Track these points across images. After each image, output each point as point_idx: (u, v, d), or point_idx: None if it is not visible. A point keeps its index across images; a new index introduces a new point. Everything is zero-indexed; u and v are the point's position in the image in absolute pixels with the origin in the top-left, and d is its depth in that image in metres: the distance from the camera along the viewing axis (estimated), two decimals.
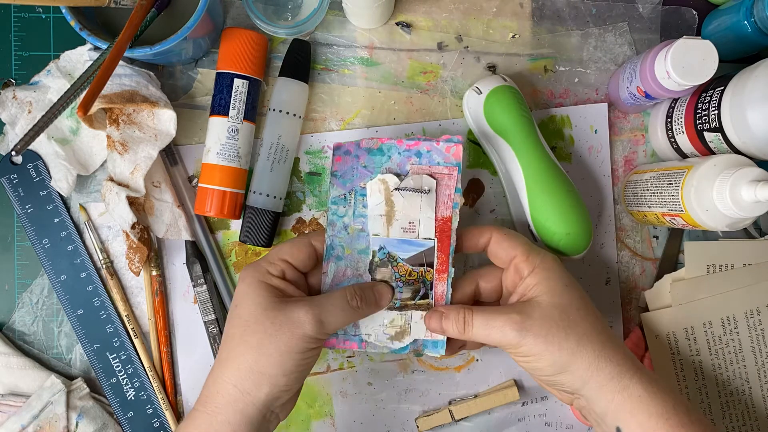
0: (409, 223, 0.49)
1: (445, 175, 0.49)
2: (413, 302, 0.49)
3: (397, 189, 0.49)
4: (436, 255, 0.49)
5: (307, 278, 0.49)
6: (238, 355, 0.42)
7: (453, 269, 0.49)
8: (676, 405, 0.42)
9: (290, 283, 0.46)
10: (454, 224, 0.49)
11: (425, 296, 0.49)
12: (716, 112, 0.47)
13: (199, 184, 0.54)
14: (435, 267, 0.49)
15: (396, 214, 0.49)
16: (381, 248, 0.49)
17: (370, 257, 0.50)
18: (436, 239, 0.49)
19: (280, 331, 0.42)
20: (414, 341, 0.49)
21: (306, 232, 0.55)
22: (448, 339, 0.49)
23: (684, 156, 0.53)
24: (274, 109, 0.54)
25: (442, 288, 0.49)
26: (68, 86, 0.50)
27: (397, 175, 0.49)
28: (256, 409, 0.42)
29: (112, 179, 0.52)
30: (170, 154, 0.55)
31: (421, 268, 0.49)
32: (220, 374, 0.43)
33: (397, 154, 0.50)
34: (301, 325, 0.42)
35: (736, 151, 0.47)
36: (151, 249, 0.53)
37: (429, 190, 0.49)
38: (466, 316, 0.45)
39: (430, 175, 0.49)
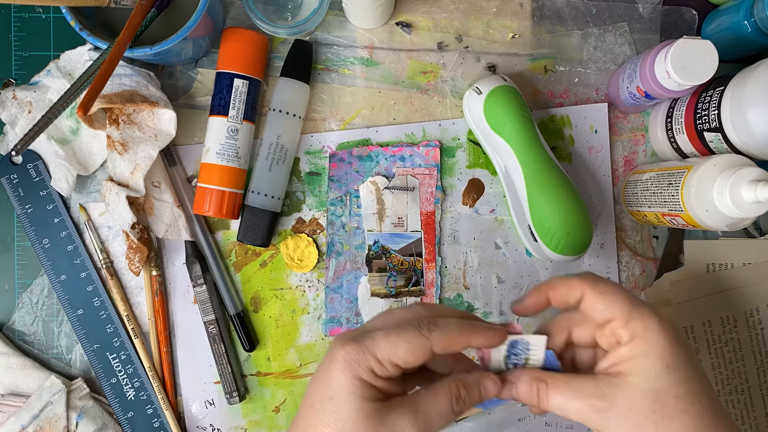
0: (398, 218, 0.56)
1: (426, 175, 0.56)
2: (406, 289, 0.56)
3: (386, 188, 0.56)
4: (423, 245, 0.56)
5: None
6: None
7: (440, 258, 0.57)
8: None
9: (394, 381, 0.38)
10: (437, 217, 0.57)
11: (417, 283, 0.57)
12: (716, 112, 0.47)
13: (198, 184, 0.54)
14: (423, 256, 0.56)
15: (386, 211, 0.56)
16: (375, 242, 0.56)
17: (366, 251, 0.56)
18: (422, 231, 0.56)
19: None
20: None
21: (418, 303, 0.48)
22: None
23: (684, 156, 0.53)
24: (274, 109, 0.54)
25: (431, 276, 0.57)
26: (68, 86, 0.50)
27: (386, 176, 0.56)
28: None
29: (112, 179, 0.52)
30: (169, 155, 0.55)
31: (412, 258, 0.56)
32: None
33: (384, 159, 0.56)
34: None
35: (736, 151, 0.47)
36: (151, 249, 0.53)
37: (413, 189, 0.56)
38: (540, 391, 0.38)
39: (413, 176, 0.56)
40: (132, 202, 0.51)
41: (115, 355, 0.55)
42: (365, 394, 0.37)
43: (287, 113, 0.54)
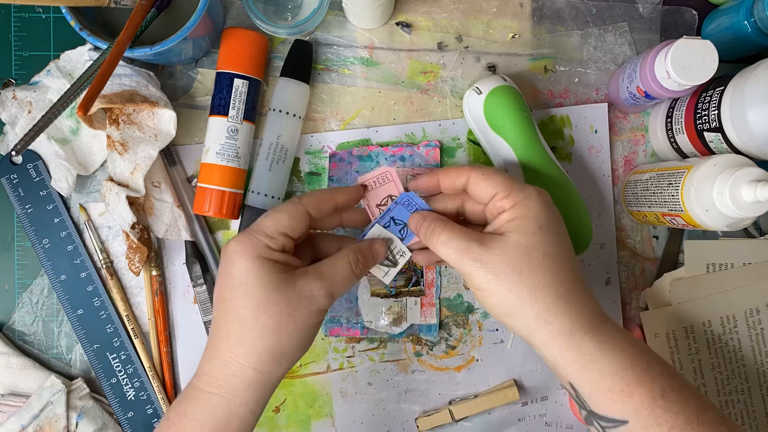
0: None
1: None
2: (407, 289, 0.56)
3: None
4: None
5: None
6: (255, 338, 0.41)
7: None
8: (633, 362, 0.40)
9: (290, 254, 0.44)
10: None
11: (417, 283, 0.56)
12: (716, 112, 0.47)
13: (198, 184, 0.54)
14: None
15: None
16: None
17: None
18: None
19: (297, 310, 0.41)
20: (410, 326, 0.55)
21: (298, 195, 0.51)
22: (426, 250, 0.49)
23: (684, 156, 0.54)
24: (274, 109, 0.54)
25: (431, 276, 0.56)
26: (68, 86, 0.50)
27: None
28: (273, 385, 0.43)
29: (112, 179, 0.52)
30: (169, 155, 0.55)
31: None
32: (235, 357, 0.41)
33: (384, 159, 0.56)
34: (315, 300, 0.42)
35: (736, 151, 0.47)
36: (151, 249, 0.53)
37: None
38: (435, 228, 0.44)
39: (413, 176, 0.55)
40: (132, 202, 0.51)
41: (115, 355, 0.55)
42: (268, 268, 0.41)
43: (287, 113, 0.54)
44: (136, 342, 0.55)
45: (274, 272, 0.42)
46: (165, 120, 0.51)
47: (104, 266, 0.55)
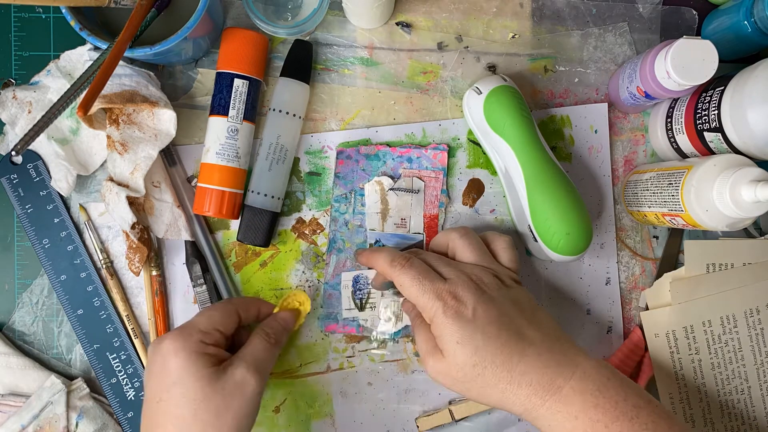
0: (401, 219, 0.56)
1: (432, 178, 0.56)
2: None
3: (391, 189, 0.56)
4: (425, 248, 0.56)
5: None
6: None
7: None
8: (587, 427, 0.42)
9: (220, 347, 0.46)
10: (441, 221, 0.56)
11: None
12: (716, 112, 0.47)
13: (198, 184, 0.54)
14: None
15: (390, 212, 0.56)
16: (377, 242, 0.56)
17: None
18: (424, 234, 0.56)
19: (233, 400, 0.43)
20: (405, 326, 0.56)
21: (230, 300, 0.52)
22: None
23: (684, 156, 0.54)
24: (274, 109, 0.54)
25: None
26: (68, 86, 0.50)
27: (391, 177, 0.56)
28: None
29: (112, 179, 0.52)
30: (169, 155, 0.55)
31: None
32: None
33: (391, 160, 0.56)
34: (248, 385, 0.44)
35: (736, 151, 0.47)
36: (151, 249, 0.53)
37: (418, 191, 0.56)
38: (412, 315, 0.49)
39: (419, 178, 0.56)
40: (132, 202, 0.51)
41: (115, 355, 0.55)
42: (203, 363, 0.43)
43: (287, 113, 0.54)
44: (136, 342, 0.55)
45: (208, 366, 0.43)
46: (165, 120, 0.51)
47: (104, 266, 0.55)
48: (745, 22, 0.50)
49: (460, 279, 0.45)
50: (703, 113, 0.49)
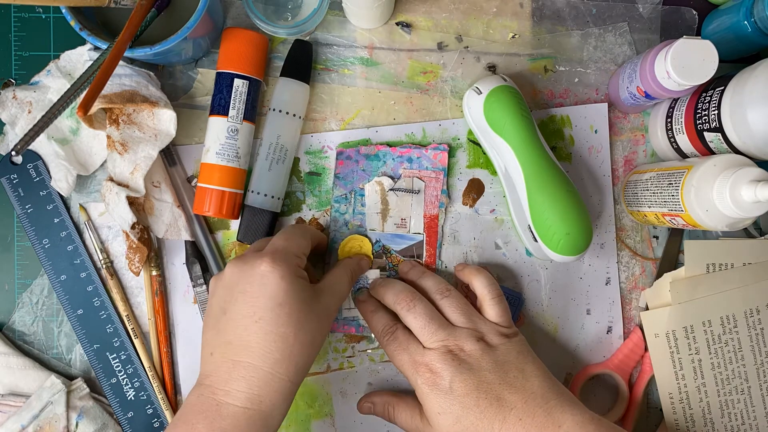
0: (401, 219, 0.56)
1: (433, 179, 0.56)
2: None
3: (391, 189, 0.56)
4: (424, 248, 0.56)
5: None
6: (296, 354, 0.44)
7: (440, 261, 0.56)
8: None
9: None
10: (441, 221, 0.56)
11: None
12: (716, 112, 0.47)
13: (198, 184, 0.54)
14: (424, 259, 0.56)
15: (390, 212, 0.56)
16: (377, 241, 0.56)
17: None
18: (424, 234, 0.56)
19: (324, 324, 0.46)
20: None
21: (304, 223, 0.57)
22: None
23: (684, 156, 0.54)
24: (274, 109, 0.54)
25: None
26: (68, 86, 0.50)
27: (391, 177, 0.56)
28: (296, 392, 0.46)
29: (112, 179, 0.52)
30: (169, 155, 0.55)
31: (412, 260, 0.56)
32: (277, 373, 0.43)
33: (391, 160, 0.56)
34: (333, 313, 0.48)
35: (736, 151, 0.47)
36: (151, 249, 0.53)
37: (418, 191, 0.56)
38: (388, 408, 0.52)
39: (420, 178, 0.56)
40: (132, 202, 0.51)
41: (115, 355, 0.55)
42: (303, 286, 0.45)
43: (287, 113, 0.54)
44: (136, 342, 0.55)
45: (307, 290, 0.46)
46: (165, 120, 0.51)
47: (104, 266, 0.55)
48: (745, 22, 0.50)
49: (438, 351, 0.47)
50: (703, 113, 0.49)
